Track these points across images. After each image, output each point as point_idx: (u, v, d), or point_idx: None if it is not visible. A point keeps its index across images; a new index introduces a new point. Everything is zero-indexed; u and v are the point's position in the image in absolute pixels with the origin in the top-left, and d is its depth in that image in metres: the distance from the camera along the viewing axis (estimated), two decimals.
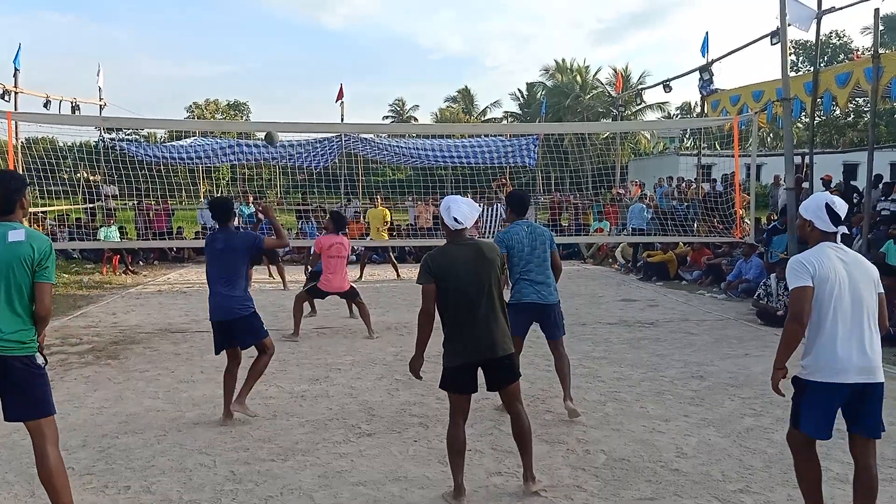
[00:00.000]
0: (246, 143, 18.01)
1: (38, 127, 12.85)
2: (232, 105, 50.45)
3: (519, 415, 4.10)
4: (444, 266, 3.95)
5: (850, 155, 29.26)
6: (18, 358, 3.41)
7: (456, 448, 3.99)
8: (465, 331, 3.97)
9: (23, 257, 3.38)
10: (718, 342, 8.35)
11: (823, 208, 3.46)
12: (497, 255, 4.10)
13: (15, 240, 3.39)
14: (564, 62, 45.44)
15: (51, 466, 3.46)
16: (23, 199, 3.55)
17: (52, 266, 3.48)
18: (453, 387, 4.01)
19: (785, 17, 11.02)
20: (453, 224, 3.99)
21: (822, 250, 3.44)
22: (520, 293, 5.47)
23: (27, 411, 3.46)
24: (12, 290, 3.39)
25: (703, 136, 19.09)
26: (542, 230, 5.63)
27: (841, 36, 42.88)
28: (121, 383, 6.45)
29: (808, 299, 3.33)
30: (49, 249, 3.48)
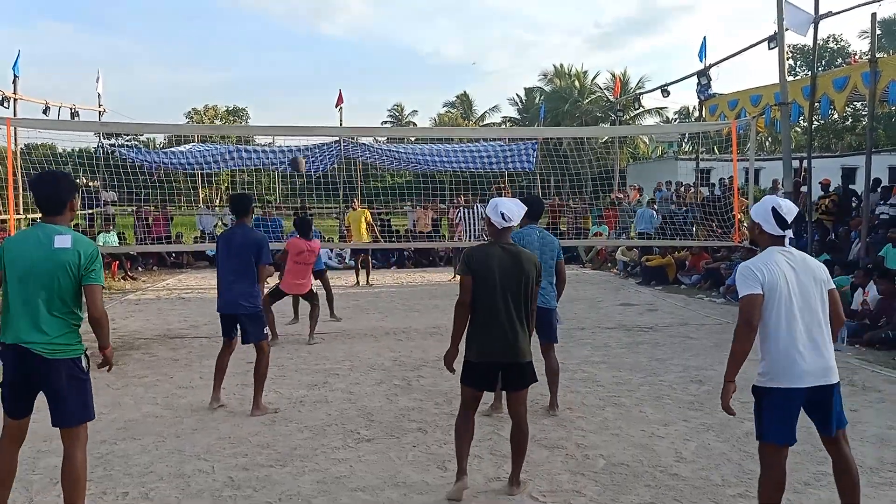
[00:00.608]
0: (245, 149, 18.02)
1: (37, 133, 12.89)
2: (231, 111, 50.46)
3: (520, 421, 4.17)
4: (480, 262, 4.08)
5: (848, 159, 29.29)
6: (65, 361, 3.43)
7: (462, 435, 4.15)
8: (485, 330, 4.09)
9: (69, 264, 3.39)
10: (717, 346, 8.33)
11: (770, 211, 3.47)
12: (535, 266, 4.16)
13: (61, 246, 3.39)
14: (563, 67, 45.53)
15: (77, 469, 3.48)
16: (72, 202, 3.56)
17: (99, 268, 3.49)
18: (468, 380, 4.16)
19: (782, 21, 11.05)
20: (500, 222, 4.11)
21: (770, 255, 3.45)
22: None
23: (70, 416, 3.48)
24: (55, 296, 3.40)
25: (702, 140, 19.11)
26: (551, 238, 5.68)
27: (838, 40, 42.97)
28: (119, 389, 6.44)
29: (758, 305, 3.34)
30: (95, 252, 3.49)
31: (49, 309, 3.39)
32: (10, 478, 3.60)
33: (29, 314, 3.38)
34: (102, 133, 16.46)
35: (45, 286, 3.38)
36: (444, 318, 10.19)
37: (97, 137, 17.09)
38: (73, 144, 18.03)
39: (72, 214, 3.59)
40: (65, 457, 3.51)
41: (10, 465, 3.59)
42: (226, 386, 6.52)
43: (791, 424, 3.41)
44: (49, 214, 3.51)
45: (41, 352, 3.38)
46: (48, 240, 3.41)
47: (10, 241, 3.59)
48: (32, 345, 3.37)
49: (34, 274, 3.38)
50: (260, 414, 5.62)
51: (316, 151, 17.75)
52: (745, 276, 3.40)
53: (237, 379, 6.78)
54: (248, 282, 5.70)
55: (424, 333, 9.10)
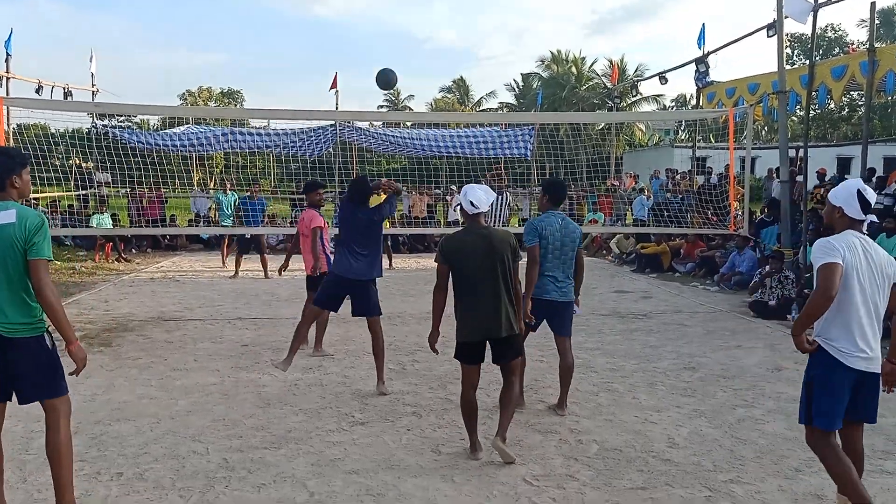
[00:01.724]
0: (240, 131, 17.91)
1: (29, 113, 12.75)
2: (225, 93, 50.11)
3: (512, 384, 4.52)
4: (454, 249, 4.40)
5: (843, 148, 29.35)
6: (25, 339, 3.38)
7: (468, 411, 4.46)
8: (470, 311, 4.38)
9: (14, 238, 3.31)
10: (711, 334, 8.38)
11: (855, 195, 3.42)
12: (509, 243, 4.40)
13: (4, 221, 3.31)
14: (560, 53, 45.30)
15: (59, 441, 3.46)
16: (14, 178, 3.42)
17: (42, 241, 3.33)
18: (462, 357, 4.45)
19: (781, 9, 11.00)
20: (470, 208, 4.41)
21: (848, 237, 3.41)
22: (541, 289, 5.26)
23: (39, 392, 3.45)
24: (10, 272, 3.34)
25: (699, 128, 19.10)
26: (574, 227, 5.41)
27: (836, 29, 42.95)
28: (113, 371, 6.44)
29: (839, 275, 3.29)
30: (39, 225, 3.34)
31: (5, 288, 3.33)
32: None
33: None
34: (96, 114, 16.32)
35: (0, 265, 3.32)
36: None
37: (91, 118, 16.95)
38: (66, 125, 17.91)
39: (17, 191, 3.44)
40: (47, 430, 3.49)
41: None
42: (220, 368, 6.55)
43: (839, 406, 3.42)
44: None
45: (1, 332, 3.33)
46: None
47: None
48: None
49: None
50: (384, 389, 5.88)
51: (311, 135, 17.65)
52: (826, 248, 3.34)
53: (231, 362, 6.79)
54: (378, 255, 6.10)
55: (419, 318, 9.10)
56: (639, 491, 4.05)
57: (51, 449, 3.48)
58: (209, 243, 17.43)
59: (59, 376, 3.50)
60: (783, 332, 8.47)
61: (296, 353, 6.21)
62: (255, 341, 7.71)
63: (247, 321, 8.81)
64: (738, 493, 4.04)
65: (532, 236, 5.25)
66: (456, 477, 4.21)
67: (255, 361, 6.84)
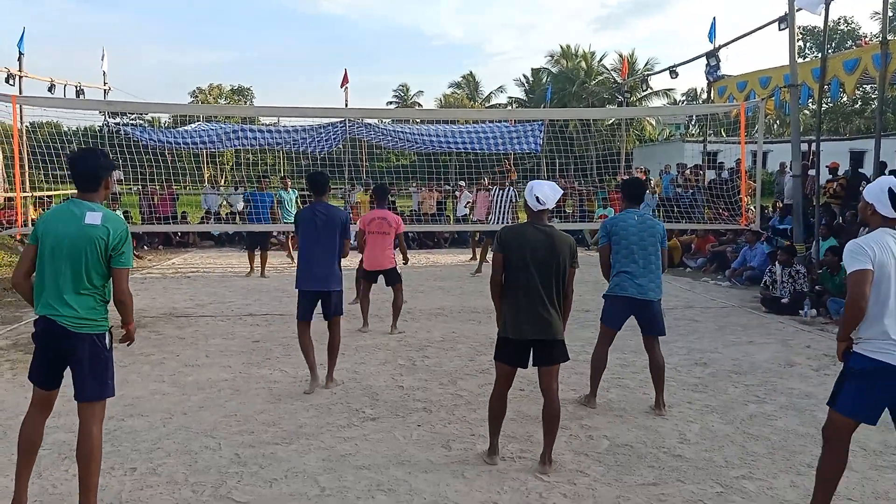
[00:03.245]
0: (250, 129, 17.96)
1: (42, 111, 12.84)
2: (236, 90, 50.27)
3: (552, 397, 4.26)
4: (512, 242, 4.20)
5: (856, 142, 29.08)
6: (89, 336, 3.46)
7: (495, 412, 4.33)
8: (515, 308, 4.19)
9: (97, 240, 3.41)
10: (722, 329, 8.35)
11: (886, 192, 3.39)
12: (569, 246, 4.22)
13: (91, 222, 3.42)
14: (570, 48, 45.14)
15: (93, 445, 3.51)
16: (108, 180, 3.58)
17: (128, 251, 3.50)
18: (501, 355, 4.29)
19: (793, 2, 10.92)
20: (535, 204, 4.23)
21: (881, 235, 3.39)
22: (618, 286, 5.31)
23: (89, 391, 3.51)
24: (82, 271, 3.42)
25: (710, 122, 18.98)
26: (654, 223, 5.37)
27: (849, 22, 42.56)
28: (126, 367, 6.48)
29: (868, 282, 3.28)
30: (125, 234, 3.49)
31: (76, 283, 3.43)
32: (35, 447, 3.64)
33: (57, 287, 3.43)
34: (108, 111, 16.42)
35: (73, 261, 3.42)
36: (449, 298, 10.23)
37: (103, 116, 17.06)
38: (78, 122, 18.04)
39: (106, 192, 3.61)
40: (80, 431, 3.54)
41: (36, 433, 3.63)
42: (231, 364, 6.59)
43: (874, 403, 3.38)
44: (84, 191, 3.54)
45: (66, 324, 3.42)
46: (80, 215, 3.44)
47: (45, 216, 3.61)
48: (59, 317, 3.42)
49: (64, 248, 3.41)
50: (330, 386, 5.84)
51: (321, 132, 17.68)
52: (856, 253, 3.34)
53: (242, 358, 6.82)
54: (336, 260, 5.85)
55: (429, 314, 9.12)
56: (650, 487, 4.05)
57: (82, 452, 3.51)
58: (219, 240, 17.52)
59: (108, 378, 3.59)
60: (795, 328, 8.43)
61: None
62: (267, 337, 7.75)
63: (258, 317, 8.86)
64: (750, 489, 4.02)
65: (602, 237, 5.47)
66: (466, 472, 4.22)
67: (266, 357, 6.87)
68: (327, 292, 5.82)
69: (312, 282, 5.81)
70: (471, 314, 9.08)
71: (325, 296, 5.84)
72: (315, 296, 5.85)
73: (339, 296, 5.91)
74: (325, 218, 5.78)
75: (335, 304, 5.88)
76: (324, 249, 5.77)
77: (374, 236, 7.95)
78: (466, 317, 8.92)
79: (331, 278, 5.80)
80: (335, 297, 5.86)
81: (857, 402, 3.39)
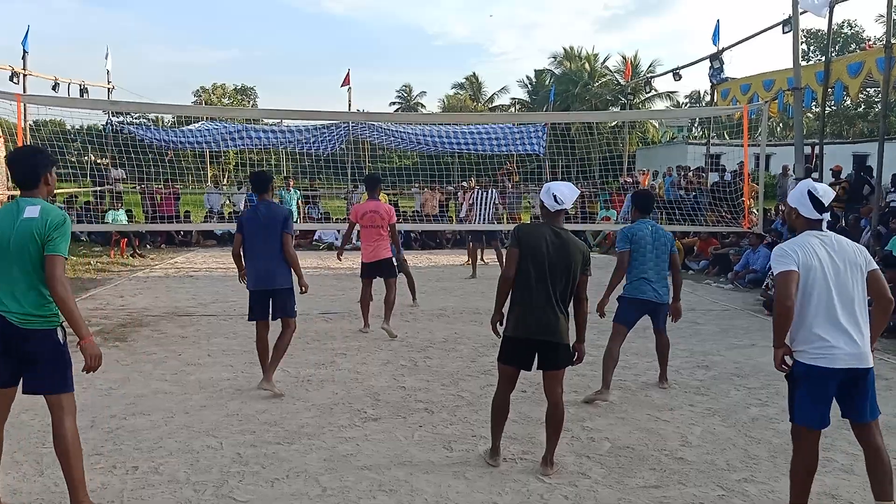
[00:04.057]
0: (254, 129, 18.00)
1: (46, 110, 12.87)
2: (239, 90, 50.33)
3: (556, 401, 4.23)
4: (529, 238, 4.14)
5: (860, 146, 29.05)
6: (38, 331, 3.43)
7: (498, 413, 4.28)
8: (523, 307, 4.13)
9: (35, 233, 3.38)
10: (725, 332, 8.34)
11: (806, 195, 3.47)
12: (583, 255, 4.17)
13: (29, 216, 3.40)
14: (573, 49, 45.14)
15: (67, 439, 3.48)
16: (47, 176, 3.56)
17: (60, 238, 3.41)
18: (504, 356, 4.23)
19: (797, 4, 10.91)
20: (552, 205, 4.17)
21: (805, 238, 3.46)
22: (637, 290, 5.76)
23: (44, 385, 3.48)
24: (28, 265, 3.40)
25: (713, 125, 18.97)
26: (664, 232, 5.88)
27: (853, 25, 42.51)
28: (128, 365, 6.50)
29: (794, 282, 3.35)
30: (60, 222, 3.42)
31: (23, 279, 3.40)
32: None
33: (7, 284, 3.41)
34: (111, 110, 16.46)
35: (18, 257, 3.39)
36: (451, 299, 10.23)
37: (106, 115, 17.09)
38: (81, 121, 18.04)
39: (48, 189, 3.59)
40: (54, 427, 3.50)
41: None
42: (233, 363, 6.60)
43: (822, 407, 3.41)
44: (25, 189, 3.53)
45: (14, 321, 3.39)
46: (21, 212, 3.42)
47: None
48: (8, 314, 3.40)
49: (8, 246, 3.40)
50: (267, 388, 5.63)
51: (324, 131, 17.71)
52: (781, 256, 3.41)
53: (244, 357, 6.82)
54: (280, 257, 5.75)
55: (431, 315, 9.12)
56: (651, 489, 4.05)
57: (58, 447, 3.49)
58: (222, 239, 17.53)
59: (66, 372, 3.53)
60: None
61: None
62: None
63: None
64: (752, 492, 4.02)
65: (624, 242, 5.80)
66: (468, 473, 4.22)
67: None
68: (274, 290, 5.76)
69: (259, 280, 5.78)
70: (473, 315, 9.08)
71: (273, 294, 5.78)
72: (264, 295, 5.80)
73: (287, 294, 5.81)
74: (267, 216, 5.75)
75: (283, 303, 5.80)
76: (268, 247, 5.72)
77: (368, 230, 7.92)
78: (468, 318, 8.92)
79: (277, 276, 5.75)
80: (283, 294, 5.78)
81: (812, 408, 3.41)
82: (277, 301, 5.80)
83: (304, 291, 5.95)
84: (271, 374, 5.74)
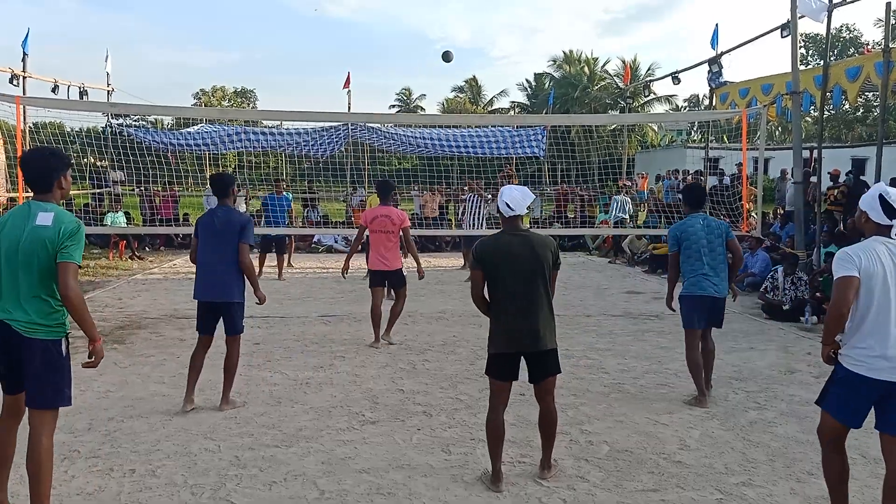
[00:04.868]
0: (253, 131, 18.00)
1: (46, 112, 12.86)
2: (239, 92, 50.38)
3: (548, 408, 4.16)
4: (490, 253, 4.04)
5: (858, 150, 29.08)
6: (41, 341, 3.34)
7: (495, 434, 4.07)
8: (507, 319, 4.02)
9: (47, 240, 3.30)
10: (723, 335, 8.30)
11: (877, 199, 3.37)
12: (550, 250, 4.07)
13: (42, 223, 3.31)
14: (572, 53, 45.22)
15: (41, 454, 3.36)
16: (61, 179, 3.47)
17: (75, 245, 3.32)
18: (494, 372, 4.11)
19: (795, 9, 10.94)
20: (506, 210, 4.08)
21: (871, 243, 3.37)
22: (696, 286, 5.62)
23: (39, 399, 3.39)
24: (36, 273, 3.32)
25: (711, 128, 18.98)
26: (717, 223, 5.72)
27: (851, 30, 42.57)
28: (126, 368, 6.49)
29: (852, 288, 3.27)
30: (74, 229, 3.33)
31: (30, 287, 3.32)
32: (8, 454, 3.54)
33: (13, 291, 3.33)
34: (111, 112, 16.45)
35: (27, 263, 3.31)
36: (450, 302, 10.23)
37: (106, 117, 17.09)
38: (81, 123, 18.07)
39: (62, 192, 3.50)
40: (29, 440, 3.38)
41: (8, 440, 3.53)
42: None
43: (856, 410, 3.37)
44: (38, 193, 3.44)
45: (19, 329, 3.31)
46: (33, 217, 3.34)
47: (2, 218, 3.49)
48: (13, 321, 3.32)
49: (17, 251, 3.32)
50: (227, 408, 5.30)
51: (324, 134, 17.72)
52: (843, 260, 3.33)
53: (242, 360, 6.79)
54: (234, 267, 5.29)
55: (430, 318, 9.12)
56: (649, 493, 4.04)
57: (32, 461, 3.36)
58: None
59: (65, 386, 3.45)
60: (796, 335, 8.42)
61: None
62: (267, 340, 7.75)
63: (258, 319, 8.83)
64: (750, 496, 4.02)
65: (671, 244, 5.77)
66: (466, 477, 4.21)
67: (266, 360, 6.87)
68: (223, 303, 5.28)
69: (208, 291, 5.31)
70: (471, 318, 9.06)
71: (223, 308, 5.31)
72: (212, 307, 5.33)
73: (237, 309, 5.32)
74: (223, 223, 5.28)
75: (233, 319, 5.31)
76: (221, 257, 5.25)
77: (378, 235, 7.50)
78: (467, 320, 8.92)
79: (228, 288, 5.24)
80: (233, 309, 5.30)
81: (841, 407, 3.41)
82: (227, 316, 5.33)
83: (260, 303, 5.51)
84: (228, 395, 5.37)
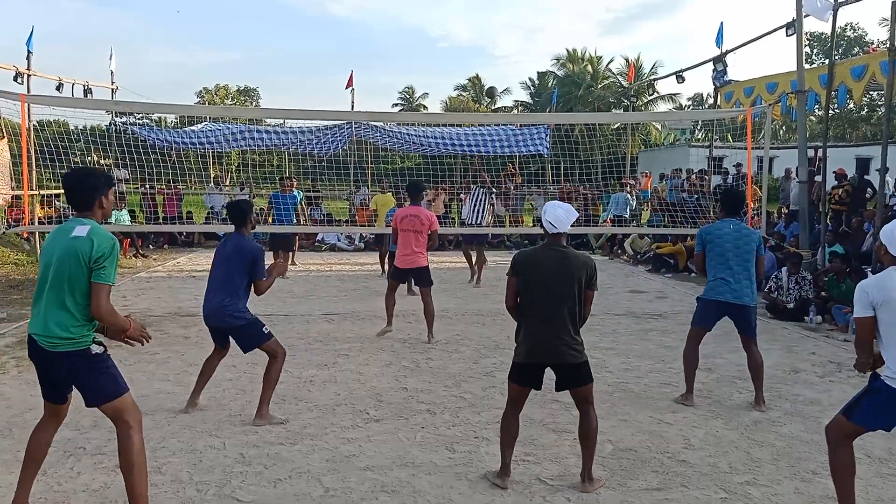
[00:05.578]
0: (256, 129, 18.01)
1: (50, 110, 12.88)
2: (242, 91, 50.40)
3: (587, 415, 4.09)
4: (526, 264, 4.10)
5: (863, 149, 29.02)
6: (67, 353, 3.34)
7: (508, 432, 4.12)
8: (533, 332, 4.04)
9: (80, 253, 3.28)
10: (727, 335, 8.28)
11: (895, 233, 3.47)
12: (587, 268, 4.06)
13: (76, 235, 3.31)
14: (576, 52, 45.14)
15: (131, 455, 3.38)
16: (102, 199, 3.47)
17: (110, 266, 3.31)
18: (515, 379, 4.13)
19: (801, 7, 10.90)
20: (549, 227, 4.10)
21: (888, 273, 3.46)
22: (713, 290, 5.61)
23: (91, 398, 3.43)
24: (64, 285, 3.30)
25: (716, 127, 18.95)
26: (749, 231, 5.65)
27: (856, 28, 42.46)
28: (131, 365, 6.50)
29: (868, 327, 3.44)
30: (110, 249, 3.31)
31: (59, 300, 3.31)
32: (41, 455, 3.58)
33: (43, 305, 3.35)
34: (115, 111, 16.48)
35: (59, 277, 3.31)
36: (453, 301, 10.23)
37: (110, 115, 17.11)
38: (85, 121, 18.06)
39: (103, 212, 3.50)
40: (119, 443, 3.44)
41: (45, 440, 3.59)
42: (235, 364, 6.60)
43: (887, 416, 3.46)
44: (79, 211, 3.46)
45: (43, 344, 3.34)
46: (68, 230, 3.36)
47: (50, 233, 3.55)
48: (38, 336, 3.35)
49: (53, 265, 3.33)
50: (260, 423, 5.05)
51: (327, 132, 17.71)
52: (857, 299, 3.50)
53: (247, 357, 6.82)
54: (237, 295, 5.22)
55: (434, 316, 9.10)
56: (654, 492, 4.04)
57: (122, 461, 3.41)
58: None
59: (115, 377, 3.46)
60: (800, 334, 8.41)
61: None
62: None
63: (262, 317, 8.84)
64: (755, 495, 4.02)
65: (698, 244, 5.79)
66: (470, 475, 4.22)
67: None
68: (226, 328, 5.25)
69: (209, 317, 5.31)
70: (475, 316, 9.08)
71: (226, 330, 5.27)
72: (216, 331, 5.35)
73: (247, 328, 5.18)
74: (232, 250, 5.29)
75: (247, 338, 5.21)
76: (220, 282, 5.24)
77: (406, 234, 7.79)
78: (471, 319, 8.93)
79: (226, 314, 5.14)
80: (242, 330, 5.18)
81: (874, 416, 3.47)
82: (234, 337, 5.29)
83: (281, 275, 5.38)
84: (262, 409, 5.09)
